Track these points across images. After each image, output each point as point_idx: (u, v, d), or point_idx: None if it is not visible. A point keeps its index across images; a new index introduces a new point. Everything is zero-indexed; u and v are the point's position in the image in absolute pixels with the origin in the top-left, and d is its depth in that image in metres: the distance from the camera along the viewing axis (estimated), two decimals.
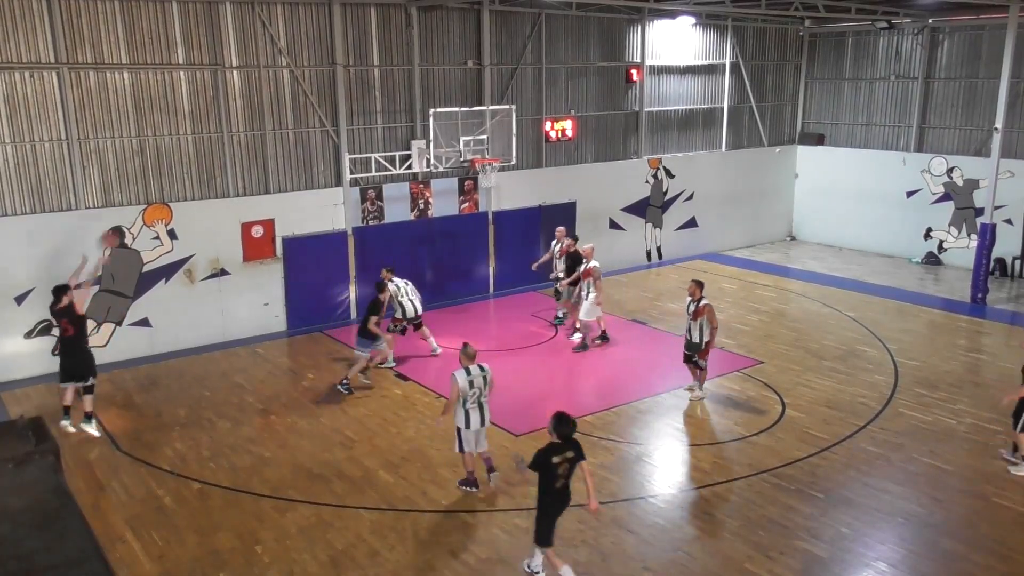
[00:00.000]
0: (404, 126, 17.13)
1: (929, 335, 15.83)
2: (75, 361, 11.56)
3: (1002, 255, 19.62)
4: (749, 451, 10.90)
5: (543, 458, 7.78)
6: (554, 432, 7.84)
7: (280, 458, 10.82)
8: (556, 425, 7.85)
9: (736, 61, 22.39)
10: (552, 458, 7.76)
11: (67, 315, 11.43)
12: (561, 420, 7.88)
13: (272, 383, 13.57)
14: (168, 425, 11.89)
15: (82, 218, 13.92)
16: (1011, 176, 19.27)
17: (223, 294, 15.40)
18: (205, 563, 8.49)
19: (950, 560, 8.50)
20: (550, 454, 7.78)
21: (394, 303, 13.94)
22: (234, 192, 15.42)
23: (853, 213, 22.94)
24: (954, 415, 12.00)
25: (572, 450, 7.85)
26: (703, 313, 12.08)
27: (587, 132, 20.00)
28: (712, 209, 22.64)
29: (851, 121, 23.29)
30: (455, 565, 8.41)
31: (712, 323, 12.13)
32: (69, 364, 11.57)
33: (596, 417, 11.96)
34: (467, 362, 9.43)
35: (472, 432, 9.56)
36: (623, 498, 9.71)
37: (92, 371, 11.73)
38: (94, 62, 13.78)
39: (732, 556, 8.54)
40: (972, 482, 10.10)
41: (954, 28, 20.93)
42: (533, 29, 18.57)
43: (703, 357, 12.34)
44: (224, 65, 14.93)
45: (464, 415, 9.47)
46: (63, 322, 11.49)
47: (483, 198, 18.27)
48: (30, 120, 13.45)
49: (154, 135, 14.51)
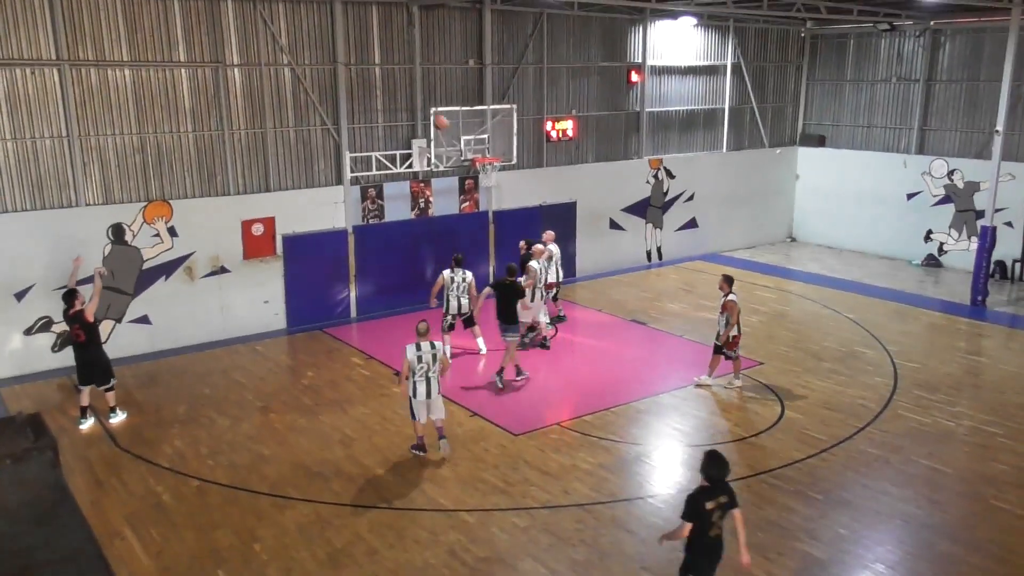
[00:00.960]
0: (405, 125, 17.13)
1: (929, 337, 15.83)
2: (90, 368, 11.58)
3: (1002, 258, 19.62)
4: (748, 452, 10.89)
5: (696, 504, 6.90)
6: (705, 473, 7.04)
7: (279, 456, 10.82)
8: (708, 466, 7.03)
9: (737, 62, 22.38)
10: (705, 503, 6.89)
11: (78, 320, 11.40)
12: (714, 461, 7.05)
13: (272, 381, 13.57)
14: (167, 422, 11.90)
15: (82, 215, 13.92)
16: (1012, 179, 19.27)
17: (223, 292, 15.40)
18: (204, 560, 8.49)
19: (948, 562, 8.50)
20: (702, 499, 6.91)
21: (444, 295, 14.07)
22: (235, 190, 15.42)
23: (854, 215, 22.94)
24: (953, 417, 12.00)
25: (725, 494, 7.02)
26: (726, 309, 12.55)
27: (588, 132, 20.00)
28: (712, 210, 22.64)
29: (852, 123, 23.29)
30: (454, 564, 8.41)
31: (733, 319, 12.52)
32: (85, 370, 11.60)
33: (595, 417, 11.96)
34: (419, 338, 10.29)
35: (420, 402, 10.40)
36: (622, 498, 9.71)
37: (109, 375, 11.80)
38: (95, 59, 13.78)
39: (731, 556, 8.52)
40: (971, 484, 10.10)
41: (956, 30, 20.93)
42: (535, 29, 18.57)
43: (731, 349, 12.77)
44: (225, 63, 14.93)
45: (412, 386, 10.34)
46: (75, 328, 11.45)
47: (483, 197, 18.27)
48: (31, 116, 13.44)
49: (155, 132, 14.51)
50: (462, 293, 13.99)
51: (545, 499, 9.66)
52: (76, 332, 11.45)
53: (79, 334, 11.42)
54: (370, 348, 15.02)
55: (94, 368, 11.62)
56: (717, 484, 7.00)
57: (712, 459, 7.07)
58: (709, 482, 7.00)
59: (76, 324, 11.40)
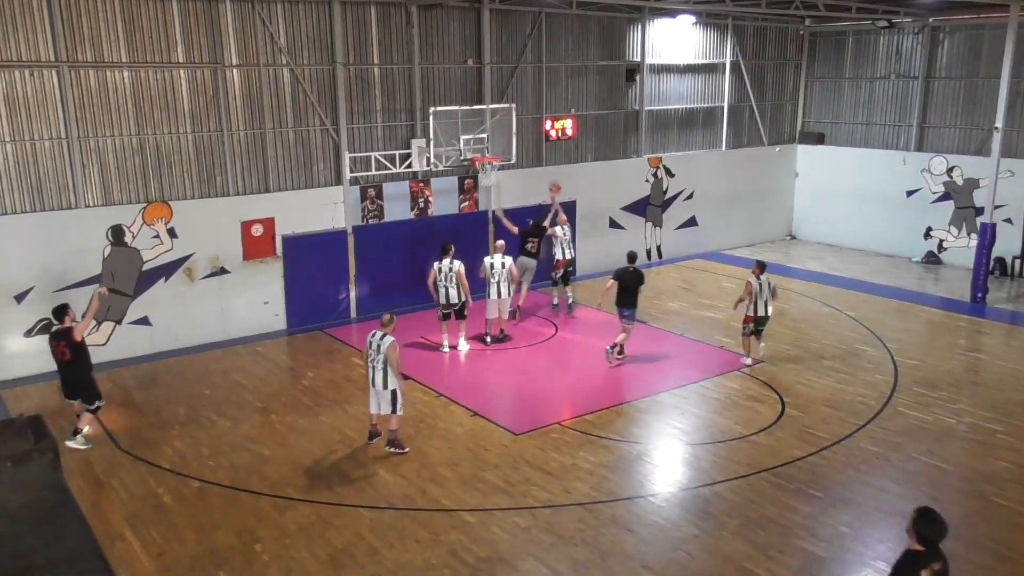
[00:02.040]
0: (404, 125, 17.13)
1: (929, 334, 15.83)
2: (72, 387, 10.89)
3: (1002, 255, 19.61)
4: (748, 450, 10.90)
5: (908, 575, 5.82)
6: (919, 535, 5.88)
7: (280, 456, 10.83)
8: (923, 526, 5.88)
9: (736, 60, 22.38)
10: (920, 573, 5.82)
11: (64, 337, 10.63)
12: (930, 520, 5.88)
13: (272, 381, 13.58)
14: (168, 423, 11.90)
15: (82, 217, 13.93)
16: (1011, 175, 19.27)
17: (223, 293, 15.40)
18: (204, 561, 8.49)
19: (949, 559, 8.48)
20: (916, 568, 5.80)
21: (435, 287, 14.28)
22: (234, 191, 15.42)
23: (853, 212, 22.93)
24: (953, 415, 12.00)
25: (940, 561, 5.87)
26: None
27: (587, 131, 20.00)
28: (712, 208, 22.64)
29: (851, 120, 23.29)
30: (454, 564, 8.41)
31: (743, 295, 13.84)
32: (68, 388, 10.95)
33: (596, 416, 11.97)
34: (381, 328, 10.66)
35: (372, 391, 10.74)
36: (623, 497, 9.72)
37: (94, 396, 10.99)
38: (94, 60, 13.78)
39: (731, 555, 8.54)
40: (971, 482, 10.11)
41: (954, 27, 20.92)
42: (533, 28, 18.57)
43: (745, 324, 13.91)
44: (224, 64, 14.93)
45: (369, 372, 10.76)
46: (60, 344, 10.64)
47: (483, 197, 18.27)
48: (30, 119, 13.44)
49: (154, 134, 14.51)
50: (451, 283, 14.21)
51: (546, 498, 9.67)
52: (61, 349, 10.61)
53: (64, 352, 10.61)
54: None
55: (76, 387, 10.88)
56: (933, 549, 5.87)
57: (928, 518, 5.88)
58: (923, 545, 5.85)
59: (63, 341, 10.59)
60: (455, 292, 14.23)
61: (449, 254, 14.30)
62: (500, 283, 14.74)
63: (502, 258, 14.82)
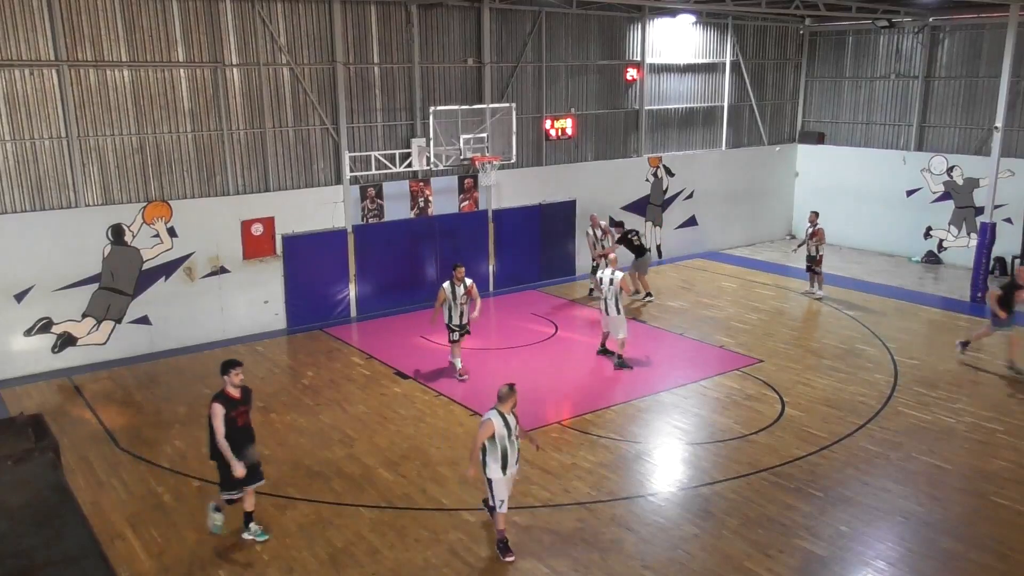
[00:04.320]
0: (404, 124, 17.12)
1: (929, 334, 15.83)
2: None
3: (1002, 254, 19.60)
4: (748, 449, 10.90)
5: None
6: None
7: (280, 456, 10.82)
8: None
9: (736, 59, 22.37)
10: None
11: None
12: None
13: (272, 381, 13.57)
14: (168, 422, 11.89)
15: (82, 216, 13.92)
16: (1011, 175, 19.27)
17: (223, 292, 15.40)
18: (204, 560, 8.49)
19: (949, 559, 8.50)
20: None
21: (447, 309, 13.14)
22: (234, 190, 15.41)
23: (853, 212, 22.92)
24: (953, 414, 12.00)
25: None
26: (816, 235, 17.42)
27: (587, 130, 19.99)
28: (712, 208, 22.63)
29: (851, 120, 23.28)
30: (455, 563, 8.42)
31: (822, 241, 17.38)
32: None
33: (596, 415, 11.97)
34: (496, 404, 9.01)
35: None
36: (622, 496, 9.72)
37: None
38: (94, 60, 13.78)
39: (731, 554, 8.54)
40: (971, 481, 10.11)
41: (954, 27, 20.92)
42: (533, 27, 18.56)
43: (818, 265, 17.70)
44: (224, 63, 14.93)
45: None
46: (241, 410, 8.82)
47: (483, 196, 18.26)
48: (30, 118, 13.44)
49: (154, 133, 14.50)
50: (464, 303, 13.22)
51: (546, 498, 9.67)
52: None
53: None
54: (370, 347, 15.02)
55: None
56: None
57: None
58: None
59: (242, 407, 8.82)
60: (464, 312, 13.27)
61: (460, 275, 13.13)
62: (608, 299, 13.72)
63: (611, 273, 13.73)
